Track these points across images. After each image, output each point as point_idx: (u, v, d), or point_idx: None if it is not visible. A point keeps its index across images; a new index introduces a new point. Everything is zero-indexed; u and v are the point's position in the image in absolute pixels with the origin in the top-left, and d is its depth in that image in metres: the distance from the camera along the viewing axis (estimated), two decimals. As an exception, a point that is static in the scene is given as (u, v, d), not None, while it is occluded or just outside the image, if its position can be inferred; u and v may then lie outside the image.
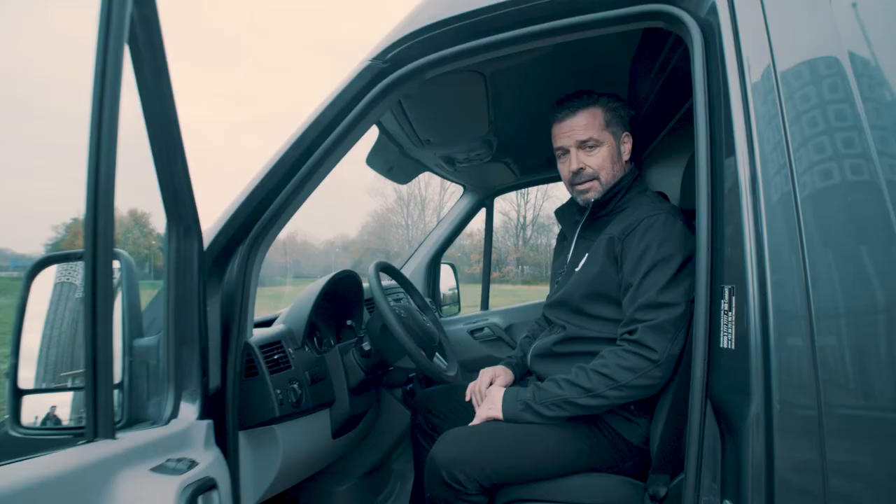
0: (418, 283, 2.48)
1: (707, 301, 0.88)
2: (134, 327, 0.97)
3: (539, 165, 2.24)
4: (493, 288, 2.80)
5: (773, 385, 0.74)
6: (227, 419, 1.08)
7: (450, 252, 2.68)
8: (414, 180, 2.25)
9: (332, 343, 1.48)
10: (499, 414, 1.11)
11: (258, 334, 1.17)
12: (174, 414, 0.92)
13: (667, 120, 1.64)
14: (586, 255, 1.22)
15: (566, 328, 1.20)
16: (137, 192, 0.95)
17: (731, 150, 0.80)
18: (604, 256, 1.17)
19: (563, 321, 1.22)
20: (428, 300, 2.53)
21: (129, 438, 0.79)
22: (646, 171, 1.88)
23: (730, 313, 0.84)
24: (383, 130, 1.55)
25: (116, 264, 0.98)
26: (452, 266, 2.70)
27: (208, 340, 1.03)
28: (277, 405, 1.11)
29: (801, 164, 0.76)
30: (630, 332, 1.07)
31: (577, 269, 1.23)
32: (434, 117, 1.43)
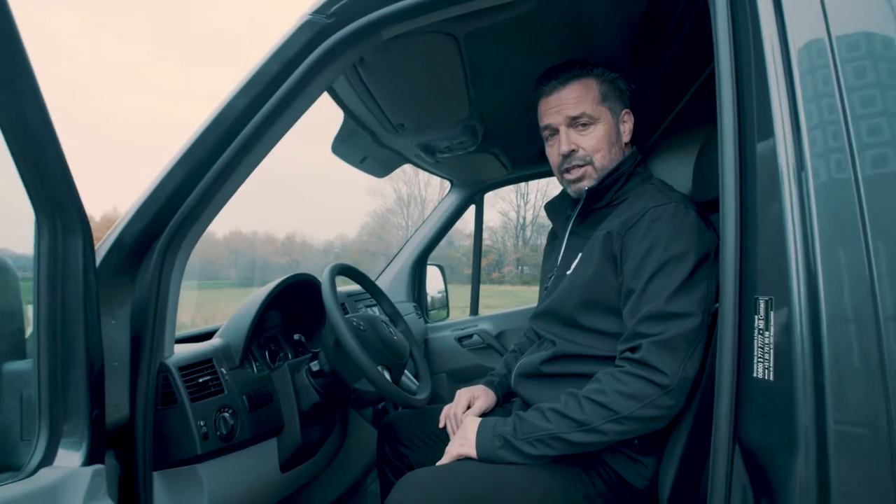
0: (402, 286, 2.28)
1: (735, 317, 0.69)
2: (4, 346, 0.77)
3: (532, 158, 2.04)
4: (493, 289, 2.63)
5: (829, 421, 0.57)
6: (136, 459, 0.88)
7: (449, 253, 2.48)
8: (413, 181, 2.04)
9: (290, 357, 1.27)
10: (472, 451, 0.90)
11: (181, 352, 0.97)
12: (47, 460, 0.72)
13: (676, 100, 1.43)
14: (579, 255, 1.02)
15: (556, 343, 0.99)
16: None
17: (768, 132, 0.64)
18: (599, 256, 0.96)
19: (552, 335, 1.01)
20: (413, 305, 2.35)
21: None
22: (650, 162, 1.68)
23: (767, 332, 0.65)
24: (348, 112, 1.34)
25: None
26: (440, 267, 2.50)
27: (105, 363, 0.82)
28: (200, 440, 0.91)
29: (864, 144, 0.60)
30: (632, 350, 0.86)
31: (568, 273, 1.02)
32: (404, 95, 1.22)
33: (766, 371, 0.65)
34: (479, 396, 1.14)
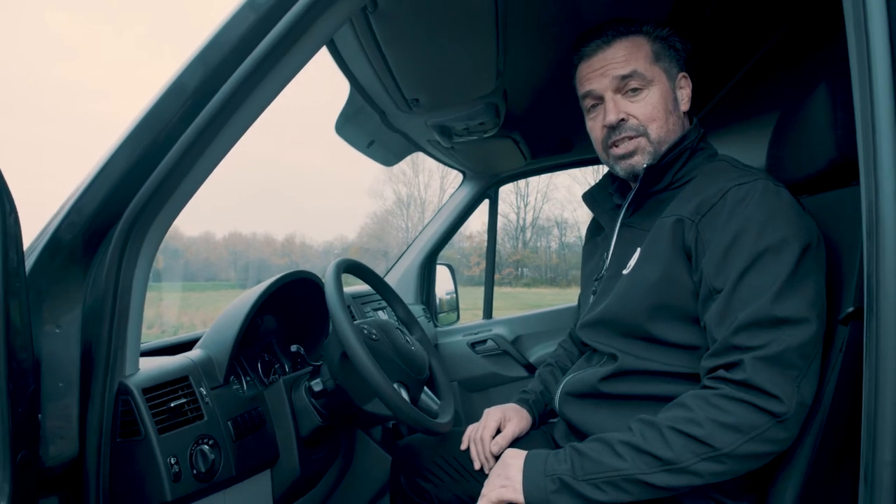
0: (410, 286, 2.09)
1: None
2: None
3: (552, 147, 1.86)
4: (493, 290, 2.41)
5: None
6: (87, 506, 0.68)
7: (448, 253, 2.30)
8: (413, 182, 1.85)
9: (287, 370, 1.08)
10: (518, 496, 0.71)
11: (149, 369, 0.77)
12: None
13: (737, 67, 1.24)
14: (637, 250, 0.83)
15: (617, 358, 0.80)
16: None
17: None
18: (668, 249, 0.77)
19: (612, 348, 0.82)
20: (421, 308, 2.15)
21: None
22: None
23: None
24: (356, 84, 1.15)
25: None
26: (450, 267, 2.31)
27: (41, 384, 0.63)
28: (169, 481, 0.71)
29: None
30: (729, 368, 0.67)
31: (625, 272, 0.83)
32: (424, 59, 1.03)
33: None
34: (511, 418, 0.95)
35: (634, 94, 0.85)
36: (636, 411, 0.73)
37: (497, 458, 0.88)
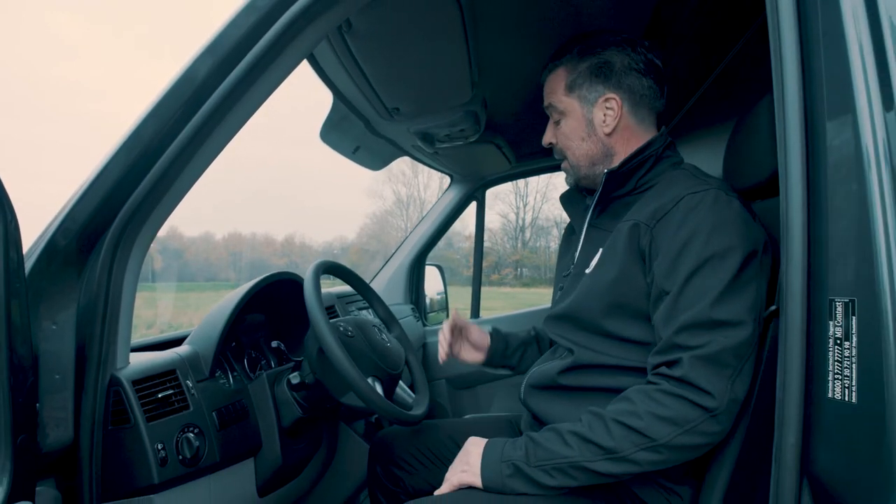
0: (399, 286, 2.15)
1: (803, 324, 0.57)
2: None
3: (536, 151, 1.92)
4: (492, 290, 2.49)
5: None
6: (81, 488, 0.74)
7: (448, 254, 2.35)
8: (413, 182, 1.91)
9: (272, 366, 1.14)
10: (476, 480, 0.77)
11: (139, 362, 0.83)
12: (-46, 498, 0.59)
13: (701, 79, 1.30)
14: (599, 250, 0.89)
15: (574, 352, 0.86)
16: None
17: (846, 103, 0.54)
18: (625, 251, 0.83)
19: (570, 342, 0.88)
20: (410, 307, 2.21)
21: None
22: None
23: (847, 343, 0.53)
24: (338, 94, 1.21)
25: None
26: (439, 267, 2.36)
27: (38, 376, 0.69)
28: (157, 466, 0.77)
29: None
30: (669, 365, 0.73)
31: (587, 271, 0.89)
32: (399, 72, 1.09)
33: (846, 390, 0.52)
34: (473, 331, 1.11)
35: (557, 124, 0.97)
36: (591, 402, 0.79)
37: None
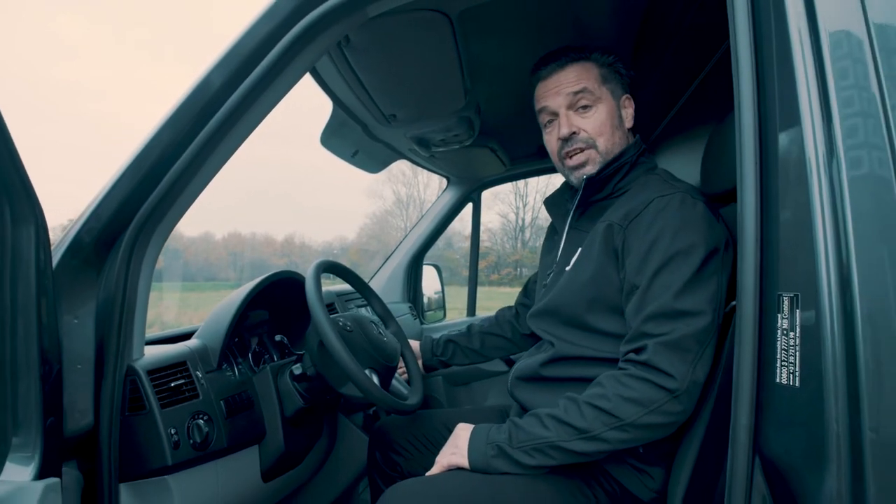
0: (397, 286, 2.21)
1: (755, 316, 0.63)
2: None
3: (531, 154, 1.98)
4: (492, 290, 2.55)
5: (865, 435, 0.52)
6: (101, 470, 0.81)
7: (448, 255, 2.41)
8: (413, 182, 1.98)
9: (275, 359, 1.20)
10: (464, 461, 0.83)
11: (152, 354, 0.90)
12: (-8, 474, 0.65)
13: (682, 90, 1.37)
14: (578, 250, 0.95)
15: (554, 345, 0.93)
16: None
17: (794, 118, 0.59)
18: (600, 251, 0.89)
19: (551, 336, 0.94)
20: (408, 306, 2.28)
21: None
22: (656, 155, 1.61)
23: (791, 333, 0.59)
24: (337, 101, 1.27)
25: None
26: (436, 267, 2.43)
27: (63, 365, 0.75)
28: (170, 449, 0.84)
29: None
30: (637, 351, 0.79)
31: (567, 269, 0.95)
32: (395, 82, 1.15)
33: (791, 376, 0.59)
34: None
35: (585, 111, 0.97)
36: (570, 391, 0.85)
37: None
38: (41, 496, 0.65)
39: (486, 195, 2.29)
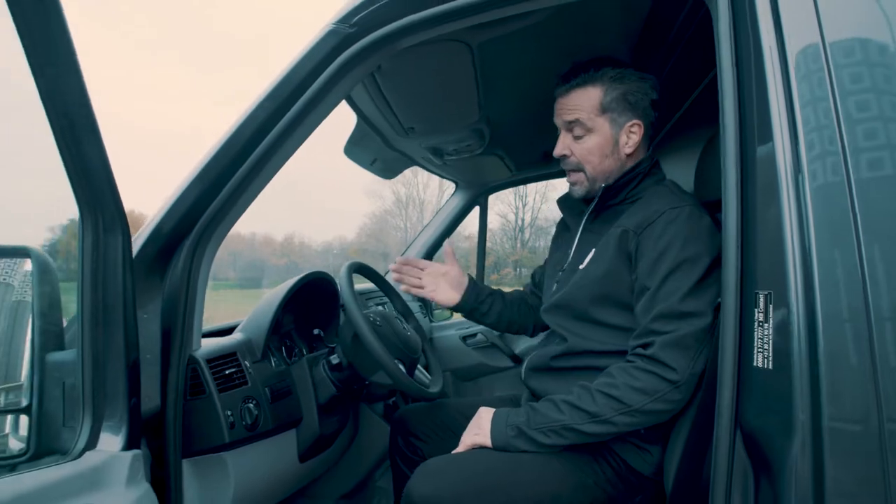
0: (407, 285, 2.32)
1: (736, 311, 0.74)
2: (48, 338, 0.81)
3: (535, 160, 2.09)
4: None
5: (824, 412, 0.62)
6: (167, 447, 0.92)
7: None
8: (412, 182, 2.09)
9: (305, 353, 1.32)
10: (487, 440, 0.95)
11: (208, 346, 1.01)
12: (90, 444, 0.76)
13: (680, 103, 1.48)
14: (592, 250, 1.05)
15: (567, 339, 1.04)
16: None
17: (768, 136, 0.68)
18: (614, 253, 1.00)
19: (564, 330, 1.05)
20: (418, 304, 2.39)
21: (19, 481, 0.64)
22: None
23: (766, 325, 0.70)
24: (361, 116, 1.39)
25: (27, 264, 0.83)
26: (445, 267, 2.53)
27: (139, 354, 0.87)
28: (227, 429, 0.95)
29: (857, 149, 0.64)
30: (645, 346, 0.91)
31: (580, 267, 1.06)
32: (417, 100, 1.27)
33: (766, 361, 0.69)
34: (452, 272, 1.25)
35: (578, 138, 1.05)
36: (579, 379, 0.96)
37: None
38: (130, 464, 0.77)
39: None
